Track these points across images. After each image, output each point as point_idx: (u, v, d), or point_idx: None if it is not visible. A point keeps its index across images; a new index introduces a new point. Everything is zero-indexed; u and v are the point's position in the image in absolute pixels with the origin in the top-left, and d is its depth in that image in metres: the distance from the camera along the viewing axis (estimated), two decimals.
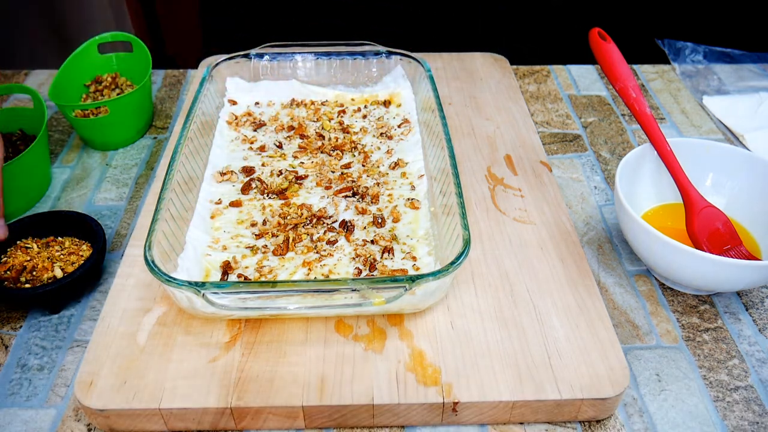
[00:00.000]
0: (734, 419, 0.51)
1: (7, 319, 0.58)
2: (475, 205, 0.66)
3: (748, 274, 0.53)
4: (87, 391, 0.49)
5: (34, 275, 0.58)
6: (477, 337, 0.53)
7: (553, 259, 0.60)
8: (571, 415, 0.50)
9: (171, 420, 0.49)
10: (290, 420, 0.50)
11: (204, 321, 0.54)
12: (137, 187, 0.72)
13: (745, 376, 0.54)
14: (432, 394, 0.49)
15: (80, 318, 0.59)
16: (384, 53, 0.77)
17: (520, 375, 0.50)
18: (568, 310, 0.55)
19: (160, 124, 0.81)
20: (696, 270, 0.54)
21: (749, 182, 0.63)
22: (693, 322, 0.58)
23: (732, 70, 0.92)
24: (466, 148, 0.73)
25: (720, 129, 0.81)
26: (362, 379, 0.50)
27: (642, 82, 0.90)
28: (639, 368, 0.55)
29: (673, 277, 0.58)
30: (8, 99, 0.85)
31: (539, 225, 0.63)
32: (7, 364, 0.55)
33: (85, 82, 0.81)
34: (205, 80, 0.71)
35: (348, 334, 0.53)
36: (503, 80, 0.85)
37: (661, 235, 0.54)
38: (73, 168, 0.75)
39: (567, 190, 0.72)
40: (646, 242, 0.56)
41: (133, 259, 0.59)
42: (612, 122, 0.82)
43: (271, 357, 0.51)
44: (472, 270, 0.59)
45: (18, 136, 0.72)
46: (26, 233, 0.62)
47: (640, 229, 0.56)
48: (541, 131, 0.80)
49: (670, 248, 0.54)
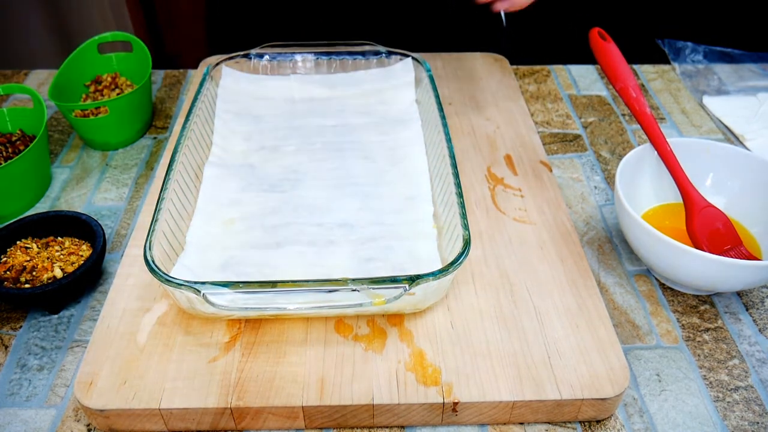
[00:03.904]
0: (734, 419, 0.51)
1: (7, 319, 0.58)
2: (475, 205, 0.66)
3: (749, 274, 0.53)
4: (87, 391, 0.49)
5: (34, 275, 0.58)
6: (477, 337, 0.53)
7: (553, 259, 0.60)
8: (571, 415, 0.50)
9: (171, 420, 0.49)
10: (290, 420, 0.50)
11: (204, 321, 0.54)
12: (137, 187, 0.72)
13: (746, 376, 0.54)
14: (432, 394, 0.49)
15: (80, 318, 0.59)
16: (384, 53, 0.77)
17: (520, 375, 0.50)
18: (568, 310, 0.55)
19: (160, 124, 0.81)
20: (696, 270, 0.54)
21: (749, 182, 0.63)
22: (693, 322, 0.58)
23: (732, 70, 0.92)
24: (466, 148, 0.73)
25: (720, 129, 0.81)
26: (362, 379, 0.50)
27: (642, 82, 0.90)
28: (639, 368, 0.55)
29: (673, 277, 0.58)
30: (8, 99, 0.85)
31: (539, 225, 0.63)
32: (7, 364, 0.55)
33: (85, 82, 0.81)
34: (205, 80, 0.71)
35: (348, 334, 0.53)
36: (503, 80, 0.85)
37: (662, 235, 0.54)
38: (73, 168, 0.75)
39: (567, 190, 0.72)
40: (647, 242, 0.56)
41: (133, 259, 0.59)
42: (612, 122, 0.82)
43: (271, 357, 0.51)
44: (472, 270, 0.59)
45: (18, 136, 0.72)
46: (26, 233, 0.62)
47: (640, 229, 0.56)
48: (541, 131, 0.80)
49: (670, 248, 0.54)
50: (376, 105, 0.76)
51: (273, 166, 0.68)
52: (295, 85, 0.77)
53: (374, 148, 0.70)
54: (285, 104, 0.77)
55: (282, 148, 0.70)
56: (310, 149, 0.70)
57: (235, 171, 0.67)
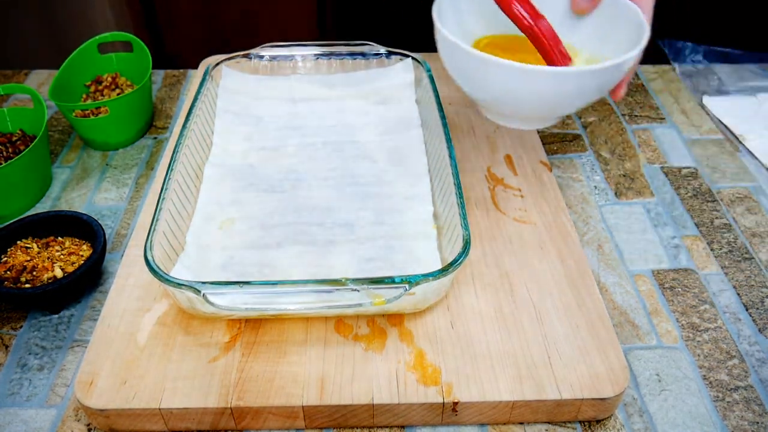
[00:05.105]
0: (734, 419, 0.51)
1: (7, 319, 0.58)
2: (475, 205, 0.66)
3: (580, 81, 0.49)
4: (87, 391, 0.49)
5: (34, 275, 0.58)
6: (477, 337, 0.53)
7: (553, 259, 0.60)
8: (571, 415, 0.50)
9: (171, 420, 0.49)
10: (290, 420, 0.50)
11: (204, 321, 0.54)
12: (137, 187, 0.72)
13: (745, 376, 0.54)
14: (432, 394, 0.49)
15: (80, 318, 0.59)
16: (384, 53, 0.77)
17: (520, 375, 0.50)
18: (568, 310, 0.55)
19: (160, 124, 0.82)
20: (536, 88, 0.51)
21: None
22: (693, 322, 0.58)
23: (732, 70, 0.92)
24: (466, 148, 0.73)
25: (720, 129, 0.81)
26: (362, 379, 0.50)
27: (642, 82, 0.90)
28: (639, 368, 0.55)
29: (511, 106, 0.54)
30: (8, 99, 0.85)
31: (539, 225, 0.63)
32: (7, 364, 0.55)
33: (85, 82, 0.81)
34: (205, 80, 0.71)
35: (348, 334, 0.53)
36: None
37: (497, 59, 0.49)
38: (73, 168, 0.75)
39: (567, 190, 0.72)
40: (476, 70, 0.52)
41: (133, 259, 0.59)
42: (612, 122, 0.82)
43: (271, 357, 0.51)
44: (472, 270, 0.59)
45: (18, 136, 0.72)
46: (26, 233, 0.62)
47: (465, 56, 0.51)
48: (541, 131, 0.80)
49: (513, 70, 0.50)
50: (376, 105, 0.76)
51: (273, 166, 0.68)
52: (295, 85, 0.77)
53: (374, 148, 0.70)
54: (285, 104, 0.77)
55: (282, 148, 0.70)
56: (310, 149, 0.70)
57: (235, 171, 0.67)
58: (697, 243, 0.66)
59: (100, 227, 0.61)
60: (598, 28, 0.57)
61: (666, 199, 0.71)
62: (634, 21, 0.53)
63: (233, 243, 0.59)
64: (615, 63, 0.49)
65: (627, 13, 0.54)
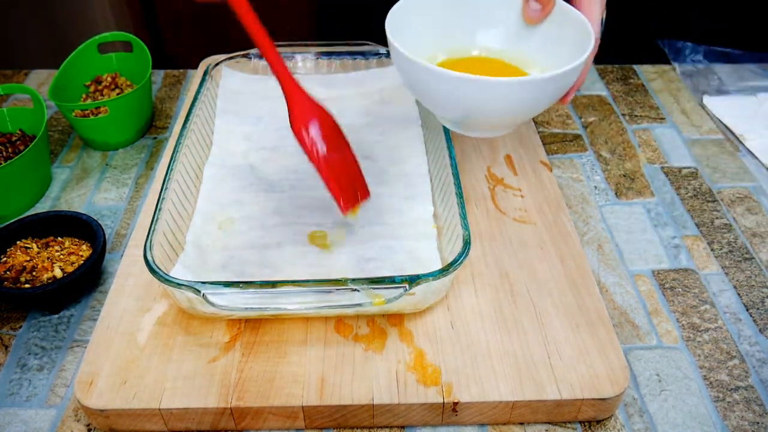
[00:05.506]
0: (734, 419, 0.51)
1: (7, 319, 0.58)
2: (475, 205, 0.66)
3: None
4: (87, 391, 0.49)
5: (34, 275, 0.58)
6: (477, 337, 0.53)
7: (553, 259, 0.60)
8: (571, 415, 0.50)
9: (171, 420, 0.49)
10: (290, 420, 0.50)
11: (204, 321, 0.54)
12: (137, 187, 0.72)
13: (746, 377, 0.54)
14: (432, 394, 0.49)
15: (80, 318, 0.59)
16: (384, 53, 0.77)
17: (520, 375, 0.50)
18: (568, 310, 0.55)
19: (160, 124, 0.81)
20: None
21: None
22: (693, 322, 0.58)
23: (732, 70, 0.92)
24: (466, 148, 0.73)
25: (720, 129, 0.81)
26: (362, 379, 0.50)
27: (642, 82, 0.90)
28: (639, 368, 0.55)
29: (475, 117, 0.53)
30: (8, 99, 0.85)
31: (539, 225, 0.63)
32: (7, 364, 0.55)
33: (85, 82, 0.81)
34: (205, 80, 0.71)
35: (348, 334, 0.53)
36: None
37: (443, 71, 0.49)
38: (73, 168, 0.75)
39: (567, 190, 0.72)
40: (428, 82, 0.51)
41: (133, 259, 0.59)
42: (612, 122, 0.82)
43: (271, 357, 0.51)
44: (472, 270, 0.59)
45: (18, 136, 0.72)
46: (26, 233, 0.62)
47: (422, 71, 0.51)
48: (541, 131, 0.80)
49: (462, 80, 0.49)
50: (376, 105, 0.76)
51: (273, 166, 0.68)
52: None
53: (374, 148, 0.70)
54: (285, 104, 0.77)
55: (282, 148, 0.70)
56: None
57: (235, 171, 0.67)
58: (697, 243, 0.66)
59: (99, 227, 0.61)
60: (549, 37, 0.58)
61: (666, 199, 0.71)
62: (582, 30, 0.54)
63: (233, 243, 0.59)
64: (554, 74, 0.48)
65: (575, 23, 0.55)
